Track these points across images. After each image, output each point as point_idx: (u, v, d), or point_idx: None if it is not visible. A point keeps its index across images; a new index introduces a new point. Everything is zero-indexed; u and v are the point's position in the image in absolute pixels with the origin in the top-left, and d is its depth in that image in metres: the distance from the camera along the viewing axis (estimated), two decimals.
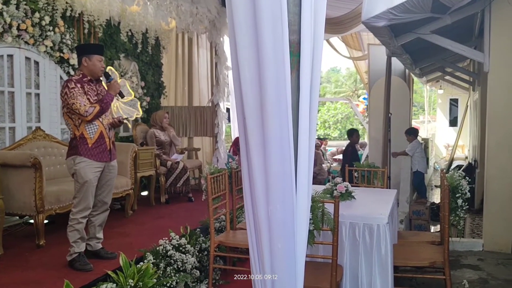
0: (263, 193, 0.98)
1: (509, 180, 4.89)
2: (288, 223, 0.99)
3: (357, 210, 3.42)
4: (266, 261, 1.04)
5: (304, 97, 0.96)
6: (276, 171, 0.97)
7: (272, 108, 0.94)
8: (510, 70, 4.81)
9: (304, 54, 0.97)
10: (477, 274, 4.29)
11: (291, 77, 0.97)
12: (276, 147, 0.96)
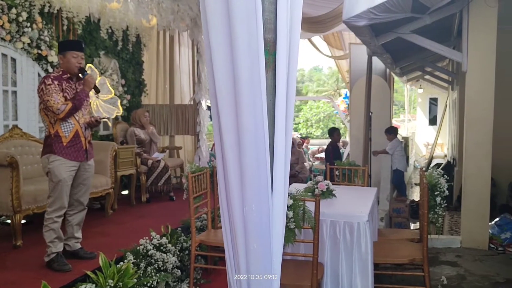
0: (238, 193, 0.97)
1: (486, 178, 4.99)
2: (264, 223, 0.98)
3: (338, 208, 3.44)
4: (241, 261, 1.02)
5: (280, 96, 0.95)
6: (251, 171, 0.95)
7: (247, 107, 0.93)
8: (487, 70, 4.90)
9: (280, 53, 0.96)
10: (455, 270, 4.36)
11: (267, 76, 0.96)
12: (251, 146, 0.95)
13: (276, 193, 0.98)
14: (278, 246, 1.02)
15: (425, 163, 13.03)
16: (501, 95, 6.13)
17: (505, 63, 6.43)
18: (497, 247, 5.00)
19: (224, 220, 1.06)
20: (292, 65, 0.99)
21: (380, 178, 6.74)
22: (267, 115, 0.96)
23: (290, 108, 0.99)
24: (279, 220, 1.00)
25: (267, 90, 0.97)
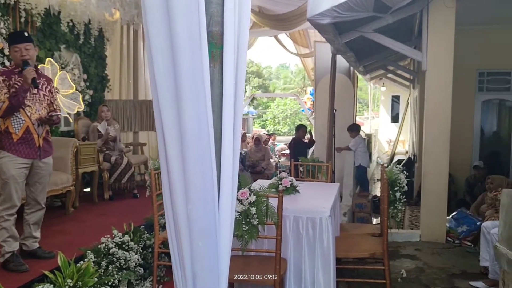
0: (181, 191, 0.95)
1: (444, 174, 5.17)
2: (210, 221, 0.96)
3: (301, 204, 3.48)
4: (186, 260, 1.00)
5: (227, 91, 0.93)
6: (194, 168, 0.93)
7: (189, 102, 0.90)
8: (446, 69, 5.07)
9: (228, 47, 0.94)
10: (414, 263, 4.50)
11: (214, 69, 0.95)
12: (194, 143, 0.92)
13: (224, 190, 0.97)
14: (225, 244, 1.01)
15: (387, 159, 13.36)
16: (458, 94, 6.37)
17: (462, 62, 6.68)
18: (454, 240, 5.19)
19: (168, 218, 1.04)
20: (241, 59, 0.98)
21: (343, 174, 6.86)
22: (215, 109, 0.95)
23: (239, 103, 0.98)
24: (226, 218, 0.99)
25: (214, 84, 0.95)
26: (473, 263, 4.37)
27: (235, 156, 0.98)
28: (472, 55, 7.11)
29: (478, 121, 7.55)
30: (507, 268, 2.08)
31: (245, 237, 2.71)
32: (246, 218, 2.70)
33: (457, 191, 7.27)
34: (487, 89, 7.46)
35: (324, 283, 3.22)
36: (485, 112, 7.78)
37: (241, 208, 2.68)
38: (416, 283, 3.97)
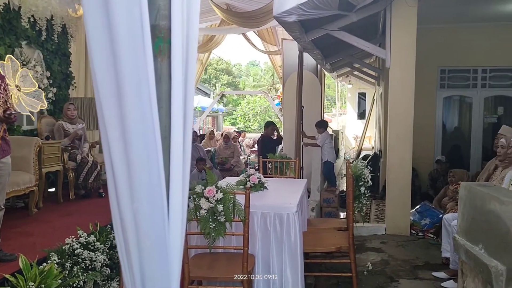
0: (126, 189, 0.92)
1: (407, 168, 5.31)
2: (158, 219, 0.94)
3: (268, 200, 3.52)
4: (134, 260, 0.97)
5: (176, 86, 0.91)
6: (139, 165, 0.90)
7: (131, 98, 0.87)
8: (408, 66, 5.21)
9: (175, 41, 0.92)
10: (379, 256, 4.62)
11: (161, 64, 0.93)
12: (138, 139, 0.89)
13: (174, 188, 0.95)
14: (176, 244, 0.99)
15: (354, 155, 13.60)
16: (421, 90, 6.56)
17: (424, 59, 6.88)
18: (417, 232, 5.35)
19: (114, 218, 1.02)
20: (191, 54, 0.96)
21: (311, 170, 6.95)
22: (163, 106, 0.93)
23: (189, 99, 0.96)
24: (176, 216, 0.97)
25: (162, 80, 0.93)
26: (436, 254, 4.52)
27: (185, 153, 0.96)
28: (434, 53, 7.33)
29: (440, 117, 7.80)
30: (465, 258, 2.17)
31: (213, 235, 2.71)
32: (213, 215, 2.71)
33: (421, 185, 7.49)
34: (448, 85, 7.71)
35: (292, 277, 3.27)
36: (447, 108, 8.04)
37: (208, 206, 2.68)
38: (381, 275, 4.08)
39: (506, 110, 7.79)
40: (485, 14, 6.78)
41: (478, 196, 2.06)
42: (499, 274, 1.78)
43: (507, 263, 1.77)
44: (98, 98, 0.91)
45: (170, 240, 0.95)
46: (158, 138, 0.89)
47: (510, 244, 1.74)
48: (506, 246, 1.77)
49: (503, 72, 7.49)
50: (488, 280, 1.84)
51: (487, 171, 4.44)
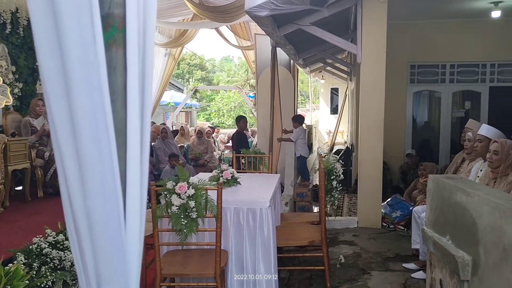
0: (78, 186, 0.87)
1: (378, 162, 5.39)
2: (113, 217, 0.89)
3: (241, 196, 3.51)
4: (88, 260, 0.92)
5: (132, 77, 0.87)
6: (91, 161, 0.85)
7: (80, 90, 0.82)
8: (379, 61, 5.28)
9: (130, 30, 0.87)
10: (352, 249, 4.68)
11: (117, 55, 0.89)
12: (89, 133, 0.84)
13: (131, 184, 0.91)
14: (134, 242, 0.94)
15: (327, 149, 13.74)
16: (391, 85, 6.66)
17: (395, 55, 6.99)
18: (388, 225, 5.45)
19: (67, 215, 0.96)
20: (148, 44, 0.91)
21: (285, 164, 6.97)
22: (118, 98, 0.88)
23: (147, 91, 0.92)
24: (134, 214, 0.93)
25: (117, 71, 0.89)
26: (406, 246, 4.61)
27: (143, 147, 0.92)
28: (404, 48, 7.45)
29: (410, 112, 7.95)
30: (433, 249, 2.21)
31: (184, 231, 2.69)
32: (185, 212, 2.68)
33: (392, 178, 7.63)
34: (418, 81, 7.86)
35: (265, 272, 3.27)
36: (417, 103, 8.20)
37: (180, 202, 2.65)
38: (353, 268, 4.13)
39: (473, 105, 8.00)
40: (453, 11, 6.93)
41: (445, 188, 2.11)
42: (465, 264, 1.82)
43: (473, 254, 1.81)
44: (45, 90, 0.86)
45: (128, 239, 0.91)
46: (112, 131, 0.84)
47: (475, 235, 1.78)
48: (472, 236, 1.81)
49: (470, 67, 7.69)
50: (455, 270, 1.88)
51: (454, 164, 4.55)
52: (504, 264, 1.55)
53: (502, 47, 7.36)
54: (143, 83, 0.90)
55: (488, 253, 1.67)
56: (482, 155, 3.79)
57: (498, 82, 7.64)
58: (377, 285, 3.72)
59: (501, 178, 3.38)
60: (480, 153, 3.81)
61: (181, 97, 16.00)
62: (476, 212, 1.78)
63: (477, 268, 1.76)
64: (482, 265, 1.72)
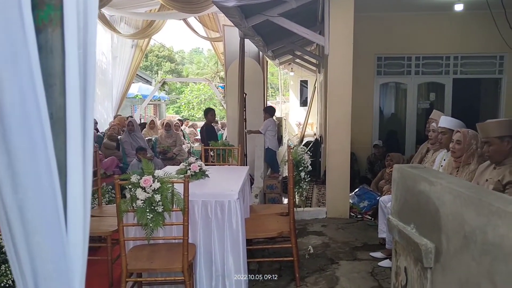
0: (8, 179, 0.81)
1: (346, 153, 5.45)
2: (49, 211, 0.82)
3: (209, 188, 3.47)
4: (24, 259, 0.86)
5: (71, 61, 0.81)
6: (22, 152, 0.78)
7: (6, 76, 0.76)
8: (346, 53, 5.31)
9: (68, 8, 0.80)
10: (320, 239, 4.72)
11: (53, 36, 0.82)
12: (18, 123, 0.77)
13: (72, 176, 0.84)
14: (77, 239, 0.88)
15: (297, 141, 13.83)
16: (358, 77, 6.73)
17: (362, 47, 7.06)
18: (356, 215, 5.53)
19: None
20: (91, 22, 0.84)
21: (255, 157, 6.97)
22: (56, 83, 0.82)
23: (89, 74, 0.85)
24: (77, 207, 0.87)
25: (54, 53, 0.82)
26: (373, 235, 4.68)
27: (86, 137, 0.86)
28: (371, 40, 7.54)
29: (377, 103, 8.06)
30: (398, 238, 2.24)
31: (150, 226, 2.63)
32: (151, 205, 2.63)
33: (360, 169, 7.74)
34: (385, 73, 7.97)
35: (234, 264, 3.26)
36: (384, 94, 8.33)
37: (145, 196, 2.60)
38: (322, 258, 4.17)
39: (438, 96, 8.20)
40: (419, 4, 7.05)
41: (409, 177, 2.13)
42: (428, 252, 1.84)
43: (436, 241, 1.83)
44: None
45: (70, 235, 0.86)
46: (46, 120, 0.77)
47: (438, 223, 1.81)
48: (435, 224, 1.83)
49: (434, 59, 7.86)
50: (418, 258, 1.91)
51: (420, 154, 4.65)
52: (465, 251, 1.57)
53: (464, 40, 7.55)
54: (84, 68, 0.83)
55: (450, 240, 1.70)
56: (446, 146, 3.87)
57: (461, 74, 7.85)
58: (345, 274, 3.77)
59: (463, 167, 3.47)
60: (445, 144, 3.89)
61: (149, 90, 15.74)
62: (439, 201, 1.81)
63: (439, 255, 1.79)
64: (444, 252, 1.75)
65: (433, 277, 1.86)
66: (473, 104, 8.79)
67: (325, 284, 3.60)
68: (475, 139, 3.39)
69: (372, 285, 3.57)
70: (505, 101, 7.69)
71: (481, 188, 2.09)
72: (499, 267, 1.35)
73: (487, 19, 6.83)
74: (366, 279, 3.68)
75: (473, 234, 1.50)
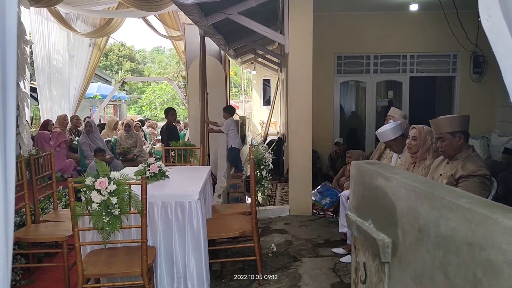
0: None
1: (307, 151, 5.49)
2: None
3: (169, 189, 3.40)
4: None
5: None
6: None
7: None
8: (306, 52, 5.34)
9: None
10: (283, 237, 4.73)
11: None
12: None
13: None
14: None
15: (261, 140, 13.86)
16: (319, 76, 6.81)
17: (322, 46, 7.14)
18: (318, 212, 5.58)
19: None
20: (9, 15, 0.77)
21: (218, 156, 6.92)
22: None
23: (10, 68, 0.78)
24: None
25: None
26: (335, 231, 4.74)
27: (7, 138, 0.79)
28: (330, 39, 7.64)
29: (338, 101, 8.19)
30: (357, 234, 2.26)
31: (107, 229, 2.55)
32: (107, 208, 2.54)
33: (322, 166, 7.84)
34: (345, 71, 8.11)
35: (196, 265, 3.21)
36: (344, 93, 8.47)
37: (100, 199, 2.51)
38: (285, 256, 4.18)
39: (396, 94, 8.41)
40: (376, 4, 7.20)
41: (366, 173, 2.16)
42: (385, 247, 1.87)
43: (392, 236, 1.86)
44: None
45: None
46: None
47: (394, 217, 1.83)
48: (391, 219, 1.86)
49: (392, 58, 8.06)
50: (376, 253, 1.93)
51: (378, 150, 4.74)
52: (420, 244, 1.60)
53: (420, 39, 7.78)
54: (3, 59, 0.76)
55: (405, 234, 1.73)
56: None
57: (417, 72, 8.09)
58: (307, 271, 3.79)
59: (419, 162, 3.56)
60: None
61: (109, 89, 15.35)
62: (395, 195, 1.84)
63: (396, 249, 1.82)
64: (400, 246, 1.78)
65: (390, 271, 1.88)
66: (429, 101, 9.08)
67: (288, 281, 3.61)
68: (430, 135, 3.49)
69: (334, 281, 3.61)
70: (459, 97, 7.98)
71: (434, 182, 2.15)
72: (451, 259, 1.37)
73: (440, 19, 7.07)
74: (328, 275, 3.72)
75: (427, 227, 1.53)
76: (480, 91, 7.77)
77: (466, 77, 7.84)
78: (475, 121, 6.52)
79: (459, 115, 3.42)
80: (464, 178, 2.94)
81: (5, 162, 0.77)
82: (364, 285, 2.19)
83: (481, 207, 1.28)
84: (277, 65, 12.81)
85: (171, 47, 33.72)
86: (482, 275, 1.22)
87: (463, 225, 1.32)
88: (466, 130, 3.09)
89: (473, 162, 2.97)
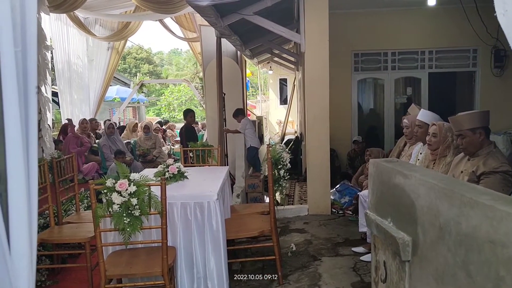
0: None
1: (325, 149, 5.47)
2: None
3: (188, 190, 3.43)
4: None
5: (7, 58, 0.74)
6: None
7: None
8: (322, 50, 5.32)
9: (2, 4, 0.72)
10: (303, 236, 4.73)
11: None
12: None
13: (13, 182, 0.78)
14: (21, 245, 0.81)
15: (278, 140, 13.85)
16: (336, 74, 6.77)
17: (339, 44, 7.10)
18: (338, 211, 5.56)
19: None
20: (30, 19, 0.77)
21: (235, 156, 6.94)
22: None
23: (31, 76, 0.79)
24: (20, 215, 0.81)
25: None
26: (355, 230, 4.71)
27: (30, 141, 0.81)
28: (347, 37, 7.59)
29: (356, 99, 8.12)
30: (376, 232, 2.25)
31: (128, 230, 2.59)
32: (127, 210, 2.58)
33: (341, 165, 7.79)
34: (362, 69, 8.04)
35: (216, 265, 3.23)
36: (361, 90, 8.40)
37: (121, 200, 2.55)
38: (304, 255, 4.17)
39: (415, 90, 8.30)
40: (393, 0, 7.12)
41: (384, 171, 2.14)
42: (405, 245, 1.85)
43: (412, 234, 1.84)
44: None
45: (13, 243, 0.81)
46: None
47: (414, 215, 1.81)
48: (411, 217, 1.84)
49: (410, 54, 7.95)
50: (396, 251, 1.92)
51: (397, 148, 4.69)
52: (441, 243, 1.58)
53: (438, 34, 7.65)
54: (25, 64, 0.77)
55: (426, 232, 1.71)
56: (422, 140, 3.91)
57: (436, 68, 7.96)
58: (327, 271, 3.78)
59: (440, 159, 3.51)
60: (421, 138, 3.93)
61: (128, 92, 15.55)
62: (414, 193, 1.82)
63: (416, 248, 1.80)
64: (421, 245, 1.76)
65: (411, 270, 1.86)
66: (449, 97, 8.93)
67: (307, 281, 3.60)
68: (450, 132, 3.44)
69: (354, 280, 3.59)
70: (480, 93, 7.83)
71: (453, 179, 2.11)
72: (473, 257, 1.36)
73: (459, 14, 6.95)
74: (348, 274, 3.70)
75: (448, 225, 1.51)
76: (502, 85, 7.62)
77: (487, 72, 7.68)
78: (497, 117, 6.40)
79: (479, 110, 3.34)
80: (486, 175, 2.89)
81: (28, 165, 0.79)
82: (385, 284, 2.17)
83: (502, 204, 1.26)
84: (294, 64, 12.76)
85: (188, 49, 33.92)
86: (505, 273, 1.20)
87: (485, 222, 1.30)
88: (487, 125, 3.04)
89: (494, 158, 2.91)
